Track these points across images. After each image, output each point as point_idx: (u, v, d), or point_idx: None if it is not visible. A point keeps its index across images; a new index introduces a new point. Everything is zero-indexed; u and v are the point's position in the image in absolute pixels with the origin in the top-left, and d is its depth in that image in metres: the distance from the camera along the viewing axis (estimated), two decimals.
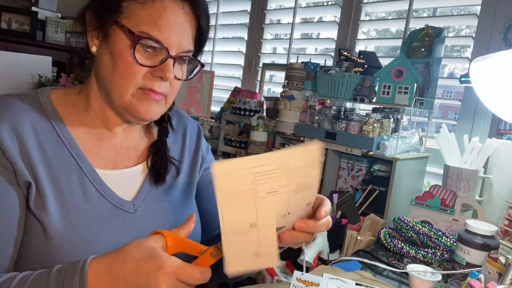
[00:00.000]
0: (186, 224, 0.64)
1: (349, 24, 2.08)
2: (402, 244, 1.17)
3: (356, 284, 0.89)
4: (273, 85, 2.55)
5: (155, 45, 0.69)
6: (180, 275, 0.55)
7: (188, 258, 0.59)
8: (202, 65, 0.77)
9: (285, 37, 2.67)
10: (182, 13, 0.71)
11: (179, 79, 0.75)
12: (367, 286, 0.89)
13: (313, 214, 0.71)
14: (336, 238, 1.30)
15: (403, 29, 1.85)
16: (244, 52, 2.63)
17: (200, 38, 0.77)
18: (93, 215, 0.70)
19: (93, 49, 0.73)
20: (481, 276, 0.78)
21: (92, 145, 0.75)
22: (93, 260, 0.58)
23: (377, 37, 2.27)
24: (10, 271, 0.66)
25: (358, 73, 1.71)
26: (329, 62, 2.02)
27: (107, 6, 0.69)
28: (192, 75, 0.78)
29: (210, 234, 0.91)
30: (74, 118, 0.75)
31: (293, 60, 2.23)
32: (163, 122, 0.85)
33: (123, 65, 0.69)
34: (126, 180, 0.77)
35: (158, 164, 0.80)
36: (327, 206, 0.69)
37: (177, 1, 0.70)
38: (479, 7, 1.63)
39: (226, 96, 2.54)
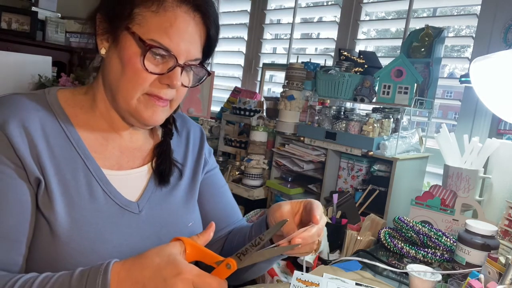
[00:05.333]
0: (205, 233, 0.65)
1: (349, 24, 2.08)
2: (402, 244, 1.17)
3: (356, 284, 0.89)
4: (273, 85, 2.55)
5: (164, 53, 0.69)
6: (198, 283, 0.55)
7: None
8: (209, 73, 0.78)
9: (285, 37, 2.67)
10: (193, 24, 0.71)
11: (185, 86, 0.75)
12: (367, 286, 0.89)
13: (306, 218, 0.73)
14: (336, 238, 1.30)
15: (403, 29, 1.85)
16: (244, 52, 2.63)
17: (209, 46, 0.78)
18: (99, 215, 0.70)
19: (102, 51, 0.73)
20: (481, 276, 0.78)
21: (98, 145, 0.76)
22: (116, 263, 0.59)
23: (377, 37, 2.27)
24: (23, 268, 0.67)
25: (358, 73, 1.71)
26: (329, 62, 2.02)
27: (118, 11, 0.70)
28: (199, 83, 0.79)
29: (213, 236, 0.91)
30: (81, 118, 0.76)
31: (293, 60, 2.23)
32: (168, 124, 0.86)
33: (131, 71, 0.69)
34: (131, 181, 0.78)
35: (163, 165, 0.81)
36: (319, 209, 0.72)
37: (188, 12, 0.71)
38: (479, 7, 1.63)
39: (226, 96, 2.54)
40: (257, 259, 0.62)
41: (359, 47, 2.05)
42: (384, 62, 1.74)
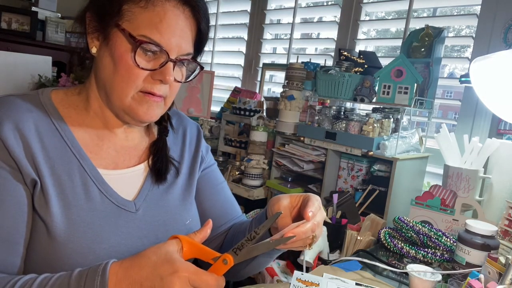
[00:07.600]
0: (202, 230, 0.65)
1: (349, 24, 2.08)
2: (402, 244, 1.17)
3: (356, 284, 0.89)
4: (273, 85, 2.55)
5: (155, 48, 0.69)
6: (194, 280, 0.56)
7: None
8: (202, 68, 0.78)
9: (285, 37, 2.67)
10: (182, 17, 0.71)
11: (178, 82, 0.75)
12: (367, 286, 0.89)
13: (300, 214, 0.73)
14: (336, 238, 1.30)
15: (403, 29, 1.85)
16: (244, 52, 2.63)
17: (200, 40, 0.77)
18: (95, 215, 0.70)
19: (93, 50, 0.73)
20: (481, 276, 0.78)
21: (93, 145, 0.76)
22: (114, 264, 0.59)
23: (377, 37, 2.27)
24: (21, 269, 0.67)
25: (358, 73, 1.71)
26: (329, 62, 2.02)
27: (107, 9, 0.69)
28: (192, 78, 0.78)
29: (210, 233, 0.91)
30: (75, 118, 0.76)
31: (293, 60, 2.23)
32: (163, 121, 0.86)
33: (124, 68, 0.69)
34: (128, 179, 0.78)
35: (159, 163, 0.81)
36: (314, 206, 0.70)
37: (177, 6, 0.70)
38: (479, 7, 1.63)
39: (226, 96, 2.54)
40: (253, 253, 0.62)
41: (359, 47, 2.05)
42: (384, 62, 1.74)
